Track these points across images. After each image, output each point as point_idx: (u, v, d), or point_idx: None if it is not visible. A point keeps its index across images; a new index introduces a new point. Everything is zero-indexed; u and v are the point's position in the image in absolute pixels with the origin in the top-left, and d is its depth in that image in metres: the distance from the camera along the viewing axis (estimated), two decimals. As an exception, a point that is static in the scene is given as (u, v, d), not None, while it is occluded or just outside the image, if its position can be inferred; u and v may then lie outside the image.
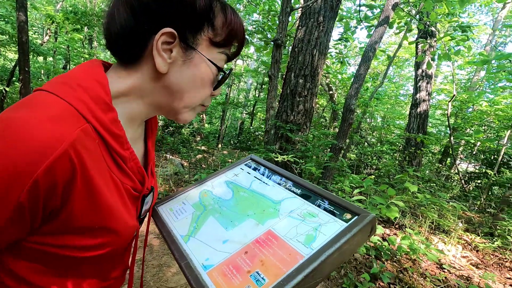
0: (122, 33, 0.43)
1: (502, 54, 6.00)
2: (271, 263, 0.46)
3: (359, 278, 2.09)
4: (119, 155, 0.44)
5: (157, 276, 2.10)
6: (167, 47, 0.44)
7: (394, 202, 2.35)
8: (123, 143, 0.44)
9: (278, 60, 3.43)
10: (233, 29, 0.49)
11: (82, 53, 8.65)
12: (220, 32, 0.48)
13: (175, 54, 0.45)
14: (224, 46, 0.49)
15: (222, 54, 0.50)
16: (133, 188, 0.49)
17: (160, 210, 0.70)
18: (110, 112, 0.41)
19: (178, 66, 0.46)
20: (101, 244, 0.43)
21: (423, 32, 6.45)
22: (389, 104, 10.30)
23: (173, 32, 0.43)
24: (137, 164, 0.49)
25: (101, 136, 0.40)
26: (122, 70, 0.46)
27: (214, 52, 0.49)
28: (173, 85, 0.47)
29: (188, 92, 0.48)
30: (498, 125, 7.12)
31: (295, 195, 0.62)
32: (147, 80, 0.46)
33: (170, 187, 3.93)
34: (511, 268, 2.72)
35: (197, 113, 0.55)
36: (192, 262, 0.51)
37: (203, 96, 0.51)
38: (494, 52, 11.17)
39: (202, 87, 0.49)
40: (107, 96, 0.41)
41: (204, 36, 0.47)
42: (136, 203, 0.51)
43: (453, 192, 5.50)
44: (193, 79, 0.48)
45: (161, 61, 0.44)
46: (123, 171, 0.46)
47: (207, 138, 9.94)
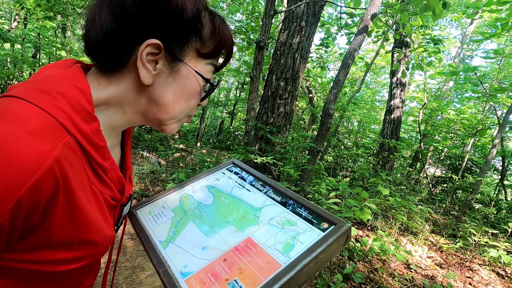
0: (103, 40, 0.41)
1: (469, 67, 6.43)
2: (249, 272, 0.47)
3: (332, 279, 2.15)
4: (100, 166, 0.42)
5: (130, 279, 2.05)
6: (152, 58, 0.43)
7: (367, 204, 2.45)
8: (104, 153, 0.43)
9: (260, 62, 3.44)
10: (222, 39, 0.48)
11: (54, 42, 8.18)
12: (208, 43, 0.47)
13: (161, 66, 0.43)
14: (212, 57, 0.48)
15: (209, 65, 0.49)
16: (112, 197, 0.48)
17: (139, 213, 0.69)
18: (92, 122, 0.39)
19: (163, 78, 0.45)
20: (80, 257, 0.42)
21: (398, 42, 6.75)
22: (365, 109, 10.66)
23: (158, 43, 0.41)
24: (117, 173, 0.48)
25: (82, 147, 0.38)
26: (102, 77, 0.44)
27: (201, 63, 0.47)
28: (158, 97, 0.45)
29: (174, 104, 0.47)
30: (463, 133, 7.62)
31: (275, 202, 0.63)
32: (130, 91, 0.45)
33: (146, 186, 3.83)
34: (470, 268, 2.93)
35: None
36: (170, 269, 0.51)
37: (189, 108, 0.50)
38: (462, 65, 11.92)
39: (189, 99, 0.48)
40: (89, 105, 0.39)
41: (191, 47, 0.45)
42: (113, 212, 0.50)
43: (422, 195, 5.81)
44: (179, 91, 0.46)
45: (145, 73, 0.42)
46: (103, 181, 0.44)
47: (186, 136, 9.77)
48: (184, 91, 0.47)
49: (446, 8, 3.29)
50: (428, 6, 3.25)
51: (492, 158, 4.30)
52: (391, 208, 3.74)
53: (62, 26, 9.22)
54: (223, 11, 9.92)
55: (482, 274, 2.82)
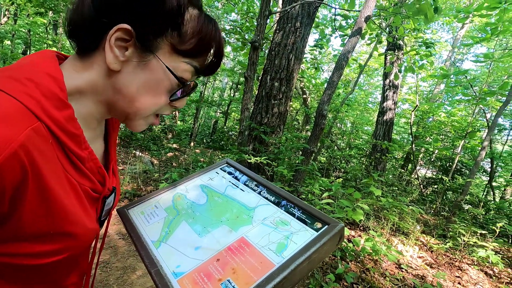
0: (81, 23, 0.42)
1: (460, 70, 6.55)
2: (243, 272, 0.47)
3: (325, 279, 2.16)
4: (76, 155, 0.41)
5: (121, 279, 2.02)
6: (122, 44, 0.42)
7: (359, 205, 2.47)
8: (80, 142, 0.41)
9: (254, 62, 3.44)
10: (206, 41, 0.46)
11: (45, 39, 8.04)
12: (188, 41, 0.44)
13: (130, 54, 0.42)
14: (191, 57, 0.46)
15: (187, 65, 0.46)
16: (92, 189, 0.46)
17: (131, 213, 0.68)
18: (65, 109, 0.38)
19: (131, 66, 0.43)
20: (58, 250, 0.41)
21: (391, 45, 6.84)
22: (359, 110, 10.77)
23: (129, 29, 0.40)
24: (97, 164, 0.47)
25: (54, 135, 0.37)
26: (78, 62, 0.44)
27: (177, 60, 0.45)
28: (123, 86, 0.43)
29: (139, 98, 0.44)
30: (453, 135, 7.76)
31: (268, 202, 0.63)
32: (100, 77, 0.43)
33: (138, 185, 3.79)
34: (460, 267, 2.98)
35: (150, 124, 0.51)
36: (162, 269, 0.51)
37: (156, 105, 0.47)
38: (453, 68, 12.14)
39: (155, 95, 0.45)
40: (61, 92, 0.38)
41: (167, 41, 0.43)
42: (96, 205, 0.48)
43: (413, 196, 5.89)
44: (145, 84, 0.44)
45: (112, 57, 0.41)
46: (81, 171, 0.43)
47: (179, 136, 9.71)
48: (150, 85, 0.44)
49: (438, 12, 3.35)
50: (420, 10, 3.30)
51: (481, 160, 4.39)
52: (383, 208, 3.78)
53: (53, 23, 9.06)
54: (218, 11, 9.89)
55: (471, 273, 2.88)
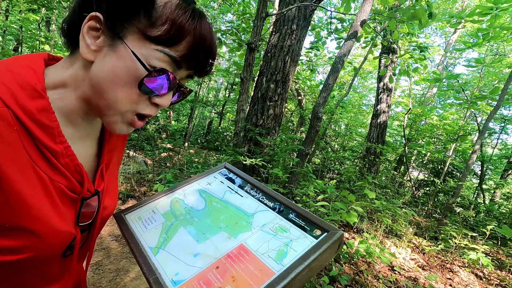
0: (71, 23, 0.44)
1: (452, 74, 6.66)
2: (242, 280, 0.47)
3: (319, 281, 2.17)
4: (48, 148, 0.40)
5: (114, 282, 2.00)
6: (95, 34, 0.41)
7: (354, 207, 2.49)
8: (54, 135, 0.40)
9: (251, 64, 3.44)
10: (179, 27, 0.41)
11: (37, 36, 7.91)
12: (159, 27, 0.40)
13: (101, 42, 0.41)
14: (164, 44, 0.41)
15: (160, 53, 0.41)
16: (69, 188, 0.44)
17: (128, 218, 0.68)
18: (39, 99, 0.38)
19: (102, 55, 0.41)
20: (17, 248, 0.38)
21: (386, 48, 6.91)
22: (353, 112, 10.86)
23: (98, 16, 0.40)
24: (74, 161, 0.44)
25: (22, 124, 0.37)
26: (68, 60, 0.45)
27: (148, 47, 0.41)
28: (95, 76, 0.42)
29: (108, 88, 0.41)
30: (445, 138, 7.88)
31: (268, 208, 0.63)
32: (80, 69, 0.43)
33: (131, 186, 3.76)
34: (451, 269, 3.02)
35: (132, 126, 0.47)
36: (161, 277, 0.50)
37: (126, 97, 0.42)
38: (445, 72, 12.34)
39: (125, 84, 0.41)
40: (38, 83, 0.39)
41: (135, 26, 0.41)
42: (74, 206, 0.46)
43: (405, 198, 5.95)
44: (113, 72, 0.41)
45: (83, 46, 0.41)
46: (54, 167, 0.41)
47: (174, 136, 9.65)
48: (118, 73, 0.41)
49: (432, 18, 3.40)
50: (415, 15, 3.35)
51: (472, 163, 4.46)
52: (376, 210, 3.81)
53: (46, 20, 8.92)
54: (214, 11, 9.87)
55: (462, 275, 2.92)
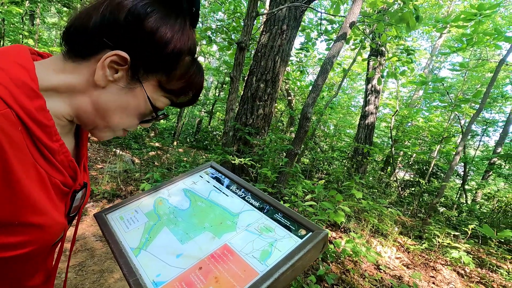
0: (82, 32, 0.43)
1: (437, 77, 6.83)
2: (225, 280, 0.46)
3: (306, 280, 2.18)
4: (46, 147, 0.41)
5: (98, 283, 1.95)
6: (115, 66, 0.44)
7: (341, 207, 2.51)
8: (51, 134, 0.41)
9: (241, 63, 3.43)
10: (189, 85, 0.51)
11: (21, 30, 7.65)
12: (174, 83, 0.49)
13: (119, 77, 0.45)
14: (173, 95, 0.51)
15: (166, 99, 0.51)
16: (63, 183, 0.45)
17: (109, 218, 0.66)
18: (36, 99, 0.38)
19: (117, 88, 0.45)
20: (23, 242, 0.39)
21: (374, 51, 7.03)
22: (342, 113, 11.00)
23: (127, 58, 0.43)
24: (68, 157, 0.46)
25: (24, 123, 0.37)
26: (62, 64, 0.44)
27: (159, 93, 0.49)
28: (103, 103, 0.46)
29: (113, 115, 0.47)
30: (430, 140, 8.08)
31: (253, 208, 0.62)
32: (82, 85, 0.45)
33: (118, 185, 3.68)
34: (434, 268, 3.10)
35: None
36: (141, 279, 0.49)
37: (128, 124, 0.50)
38: (431, 75, 12.65)
39: (131, 116, 0.49)
40: (32, 82, 0.39)
41: (156, 77, 0.47)
42: (65, 199, 0.48)
43: (392, 198, 6.07)
44: (125, 106, 0.47)
45: (101, 75, 0.43)
46: (51, 164, 0.43)
47: (162, 134, 9.52)
48: (128, 108, 0.48)
49: (419, 21, 3.47)
50: (402, 18, 3.41)
51: (455, 164, 4.59)
52: (363, 210, 3.87)
53: (30, 13, 8.64)
54: (205, 9, 9.79)
55: (444, 273, 3.00)
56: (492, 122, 10.76)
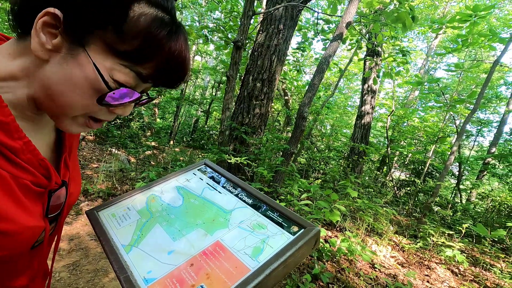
0: (22, 3, 0.38)
1: (433, 78, 6.88)
2: (217, 277, 0.46)
3: (301, 279, 2.19)
4: (6, 146, 0.37)
5: (92, 282, 1.94)
6: (52, 31, 0.37)
7: (337, 206, 2.52)
8: (10, 131, 0.37)
9: (237, 62, 3.43)
10: (152, 46, 0.39)
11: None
12: (128, 41, 0.38)
13: (58, 42, 0.37)
14: (130, 60, 0.39)
15: (125, 68, 0.40)
16: (34, 183, 0.41)
17: (101, 215, 0.65)
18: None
19: (59, 57, 0.38)
20: None
21: (370, 51, 7.06)
22: (338, 113, 11.03)
23: (57, 15, 0.36)
24: (37, 156, 0.42)
25: None
26: (15, 46, 0.40)
27: (112, 60, 0.39)
28: (47, 78, 0.39)
29: (62, 94, 0.39)
30: (426, 140, 8.14)
31: (246, 205, 0.62)
32: (31, 64, 0.39)
33: (113, 184, 3.66)
34: (428, 266, 3.12)
35: (85, 127, 0.45)
36: (132, 275, 0.48)
37: (81, 104, 0.40)
38: (426, 76, 12.74)
39: (81, 94, 0.39)
40: None
41: (101, 37, 0.38)
42: (41, 200, 0.44)
43: (387, 197, 6.11)
44: (69, 80, 0.38)
45: (36, 43, 0.37)
46: (15, 164, 0.39)
47: (159, 133, 9.48)
48: (75, 82, 0.38)
49: (415, 21, 3.49)
50: (398, 18, 3.43)
51: (450, 164, 4.63)
52: (359, 209, 3.89)
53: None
54: (202, 8, 9.77)
55: (439, 272, 3.02)
56: (486, 123, 10.88)
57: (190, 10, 10.56)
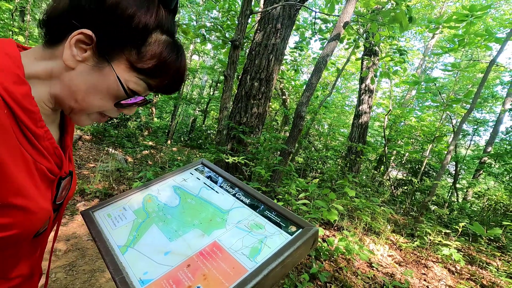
0: (54, 16, 0.45)
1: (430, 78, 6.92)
2: (214, 278, 0.45)
3: (299, 278, 2.19)
4: (31, 131, 0.42)
5: (89, 283, 1.92)
6: (83, 46, 0.45)
7: (334, 205, 2.52)
8: (36, 120, 0.42)
9: (235, 61, 3.41)
10: (162, 66, 0.48)
11: (11, 26, 7.49)
12: (146, 61, 0.47)
13: (87, 56, 0.45)
14: (146, 75, 0.49)
15: (140, 80, 0.49)
16: (48, 169, 0.46)
17: (97, 215, 0.64)
18: (22, 85, 0.40)
19: (86, 68, 0.46)
20: (7, 224, 0.39)
21: (368, 50, 7.07)
22: (336, 113, 11.05)
23: (91, 36, 0.44)
24: (53, 144, 0.48)
25: (10, 107, 0.38)
26: (42, 51, 0.46)
27: (131, 74, 0.48)
28: (74, 84, 0.46)
29: (85, 96, 0.47)
30: (423, 139, 8.18)
31: (243, 205, 0.62)
32: (59, 68, 0.46)
33: (110, 184, 3.63)
34: (425, 265, 3.13)
35: (96, 121, 0.54)
36: (128, 277, 0.48)
37: (100, 106, 0.49)
38: (423, 75, 12.80)
39: (102, 98, 0.48)
40: (18, 69, 0.41)
41: (125, 55, 0.46)
42: (51, 187, 0.48)
43: (384, 196, 6.13)
44: (95, 87, 0.47)
45: (68, 55, 0.44)
46: (37, 149, 0.44)
47: (156, 133, 9.44)
48: (99, 88, 0.47)
49: (412, 21, 3.50)
50: (395, 18, 3.44)
51: (447, 163, 4.65)
52: (356, 209, 3.89)
53: (20, 9, 8.47)
54: (199, 7, 9.74)
55: (436, 270, 3.04)
56: (482, 122, 10.95)
57: (187, 9, 10.52)
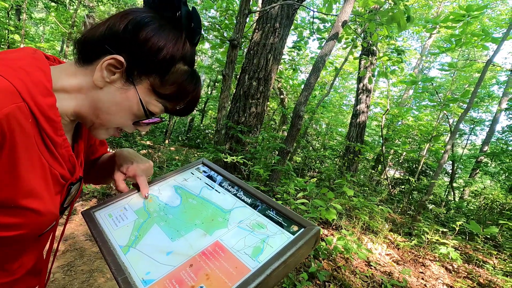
0: (90, 40, 0.49)
1: (427, 77, 6.95)
2: (217, 277, 0.45)
3: (298, 277, 2.19)
4: (51, 140, 0.45)
5: (87, 283, 1.92)
6: (112, 69, 0.49)
7: (333, 205, 2.53)
8: (57, 129, 0.46)
9: (233, 60, 3.41)
10: (181, 92, 0.54)
11: (6, 24, 7.43)
12: (166, 88, 0.52)
13: (115, 78, 0.49)
14: (165, 99, 0.53)
15: (159, 103, 0.54)
16: (61, 175, 0.50)
17: (97, 215, 0.64)
18: (49, 97, 0.44)
19: (113, 89, 0.50)
20: (17, 224, 0.43)
21: (366, 50, 7.09)
22: (333, 112, 11.06)
23: (122, 62, 0.48)
24: (69, 152, 0.51)
25: (35, 117, 0.42)
26: (73, 68, 0.50)
27: (152, 97, 0.52)
28: (99, 101, 0.50)
29: (107, 114, 0.52)
30: (420, 138, 8.22)
31: (245, 204, 0.62)
32: (87, 85, 0.50)
33: (108, 184, 3.62)
34: (423, 264, 3.15)
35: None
36: (130, 277, 0.48)
37: (120, 123, 0.54)
38: (421, 75, 12.86)
39: (123, 116, 0.53)
40: (47, 82, 0.44)
41: (149, 81, 0.51)
42: (61, 191, 0.52)
43: (382, 196, 6.15)
44: (118, 106, 0.51)
45: (99, 76, 0.48)
46: (54, 156, 0.47)
47: (154, 132, 9.41)
48: (122, 108, 0.52)
49: (410, 21, 3.52)
50: (393, 17, 3.45)
51: (444, 163, 4.68)
52: (354, 208, 3.91)
53: (16, 7, 8.40)
54: (197, 6, 9.71)
55: (433, 269, 3.06)
56: (479, 121, 11.03)
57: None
